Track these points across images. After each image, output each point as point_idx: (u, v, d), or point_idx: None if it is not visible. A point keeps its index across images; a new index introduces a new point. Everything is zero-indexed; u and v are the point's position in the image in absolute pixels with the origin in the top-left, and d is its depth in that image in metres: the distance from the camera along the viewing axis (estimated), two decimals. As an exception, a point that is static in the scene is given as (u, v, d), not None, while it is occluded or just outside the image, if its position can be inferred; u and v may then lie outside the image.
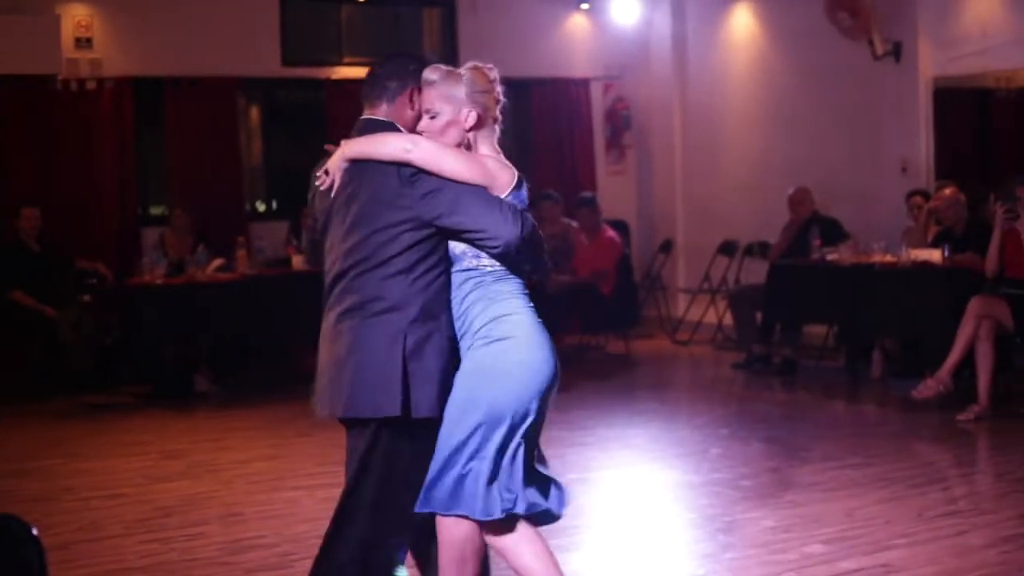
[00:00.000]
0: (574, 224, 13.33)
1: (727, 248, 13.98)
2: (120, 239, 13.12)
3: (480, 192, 4.44)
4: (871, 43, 12.66)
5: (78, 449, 9.38)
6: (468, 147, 4.62)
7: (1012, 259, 9.63)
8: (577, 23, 15.28)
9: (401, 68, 4.66)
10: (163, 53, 13.27)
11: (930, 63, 12.50)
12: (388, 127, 4.59)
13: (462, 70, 4.65)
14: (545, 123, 15.19)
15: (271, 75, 13.91)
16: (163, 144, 13.60)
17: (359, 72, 14.20)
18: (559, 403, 10.51)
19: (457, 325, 4.54)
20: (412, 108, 4.64)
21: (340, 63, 14.27)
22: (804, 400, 10.95)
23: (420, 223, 4.42)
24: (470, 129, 4.61)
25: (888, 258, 10.96)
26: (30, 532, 3.67)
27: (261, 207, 14.44)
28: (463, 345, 4.53)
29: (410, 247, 4.44)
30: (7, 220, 12.43)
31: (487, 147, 4.65)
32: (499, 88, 4.71)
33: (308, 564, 6.13)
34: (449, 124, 4.57)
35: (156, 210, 13.95)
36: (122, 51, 13.14)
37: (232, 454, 9.01)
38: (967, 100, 13.29)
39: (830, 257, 11.45)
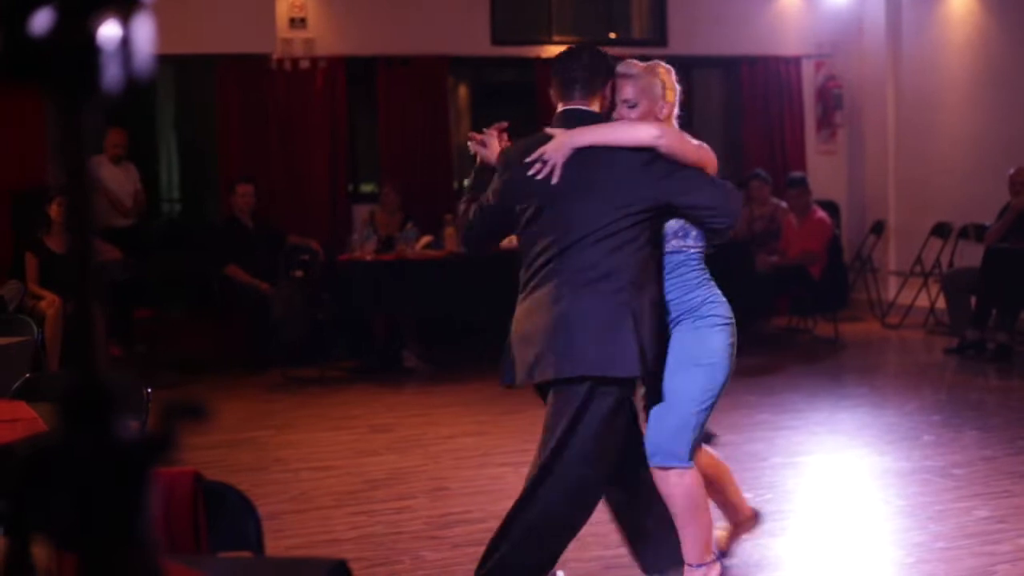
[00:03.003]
0: (783, 204, 13.18)
1: (941, 230, 13.66)
2: (331, 216, 13.34)
3: (704, 174, 4.97)
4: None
5: (288, 421, 9.58)
6: None
7: None
8: (789, 0, 15.07)
9: (598, 63, 5.03)
10: (375, 32, 13.45)
11: None
12: (598, 118, 5.00)
13: (650, 67, 5.15)
14: (755, 101, 15.02)
15: (481, 54, 14.00)
16: (374, 122, 13.78)
17: (568, 51, 14.21)
18: (766, 386, 10.40)
19: (671, 298, 5.08)
20: (605, 100, 5.05)
21: (550, 42, 14.28)
22: (1019, 388, 10.66)
23: (655, 202, 4.89)
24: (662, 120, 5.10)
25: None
26: (248, 502, 3.76)
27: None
28: (682, 318, 5.09)
29: (637, 224, 4.87)
30: (222, 196, 12.75)
31: None
32: (679, 88, 5.21)
33: (513, 541, 6.22)
34: (645, 115, 5.02)
35: (366, 187, 14.16)
36: (335, 31, 13.35)
37: (439, 429, 9.12)
38: None
39: (1049, 241, 11.13)
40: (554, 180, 4.86)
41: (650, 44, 14.63)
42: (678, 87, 5.18)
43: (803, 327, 13.44)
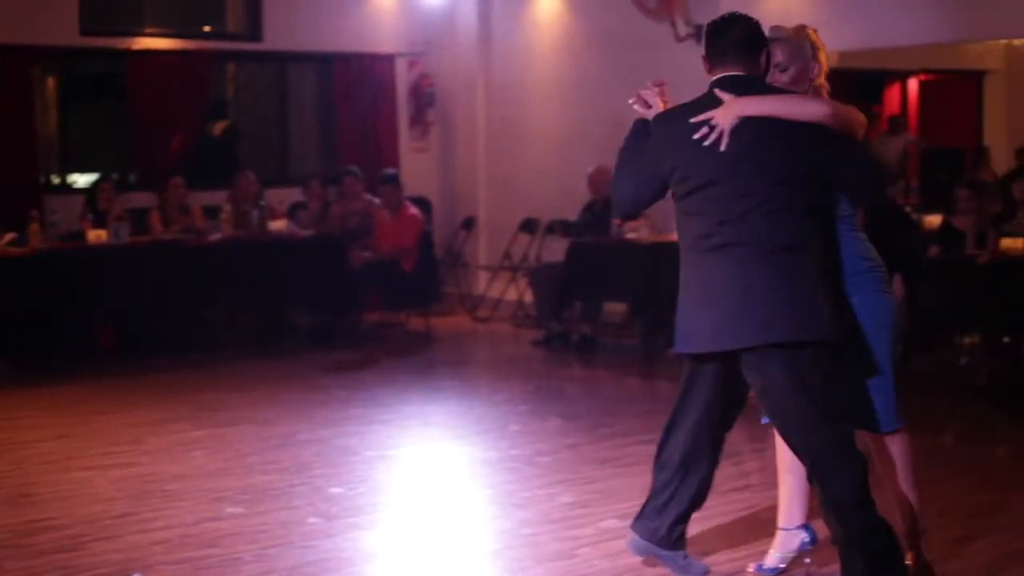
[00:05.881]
0: (376, 201, 13.29)
1: (528, 226, 14.08)
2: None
3: (856, 144, 4.94)
4: (674, 25, 12.85)
5: None
6: None
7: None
8: (382, -2, 15.20)
9: (754, 28, 5.01)
10: (-46, 20, 12.87)
11: (729, 46, 12.71)
12: (762, 85, 4.96)
13: (798, 28, 5.19)
14: (349, 99, 15.07)
15: (69, 44, 13.55)
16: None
17: (162, 43, 13.95)
18: (358, 380, 10.44)
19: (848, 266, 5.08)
20: (760, 68, 4.99)
21: (142, 34, 13.99)
22: (602, 376, 11.10)
23: (814, 172, 4.83)
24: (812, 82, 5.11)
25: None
26: None
27: (56, 180, 14.10)
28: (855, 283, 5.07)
29: (800, 192, 4.81)
30: None
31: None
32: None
33: (101, 545, 6.11)
34: (797, 77, 5.09)
35: (-54, 182, 13.53)
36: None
37: (23, 433, 8.78)
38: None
39: (630, 235, 11.60)
40: (722, 147, 4.78)
41: (244, 39, 14.54)
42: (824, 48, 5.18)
43: (395, 321, 13.57)
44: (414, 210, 13.24)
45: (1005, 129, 17.18)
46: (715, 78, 4.97)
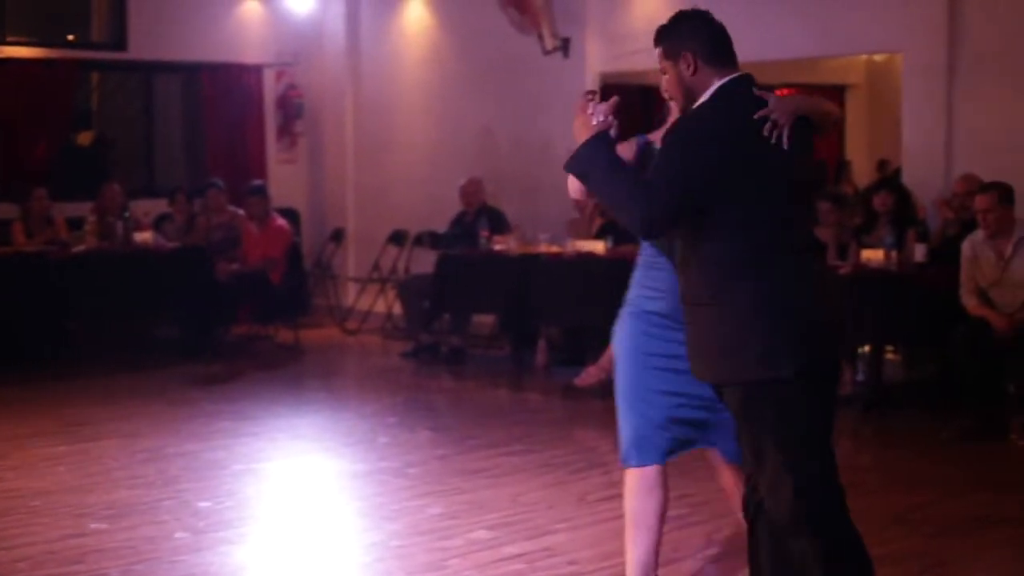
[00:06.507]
0: (240, 212, 13.19)
1: (397, 237, 14.07)
2: None
3: None
4: (541, 38, 12.94)
5: None
6: None
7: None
8: (250, 8, 15.10)
9: None
10: None
11: (598, 58, 12.84)
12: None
13: None
14: (216, 109, 14.95)
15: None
16: None
17: (24, 52, 13.74)
18: (226, 394, 10.37)
19: None
20: None
21: (4, 42, 13.76)
22: (471, 388, 11.12)
23: None
24: None
25: (554, 249, 11.21)
26: None
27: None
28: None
29: None
30: None
31: None
32: None
33: (-37, 562, 5.98)
34: None
35: None
36: None
37: None
38: (633, 95, 13.68)
39: (499, 247, 11.65)
40: (785, 145, 4.23)
41: (109, 48, 14.36)
42: None
43: (264, 334, 13.48)
44: (282, 221, 13.17)
45: (866, 142, 17.50)
46: (730, 78, 4.43)
